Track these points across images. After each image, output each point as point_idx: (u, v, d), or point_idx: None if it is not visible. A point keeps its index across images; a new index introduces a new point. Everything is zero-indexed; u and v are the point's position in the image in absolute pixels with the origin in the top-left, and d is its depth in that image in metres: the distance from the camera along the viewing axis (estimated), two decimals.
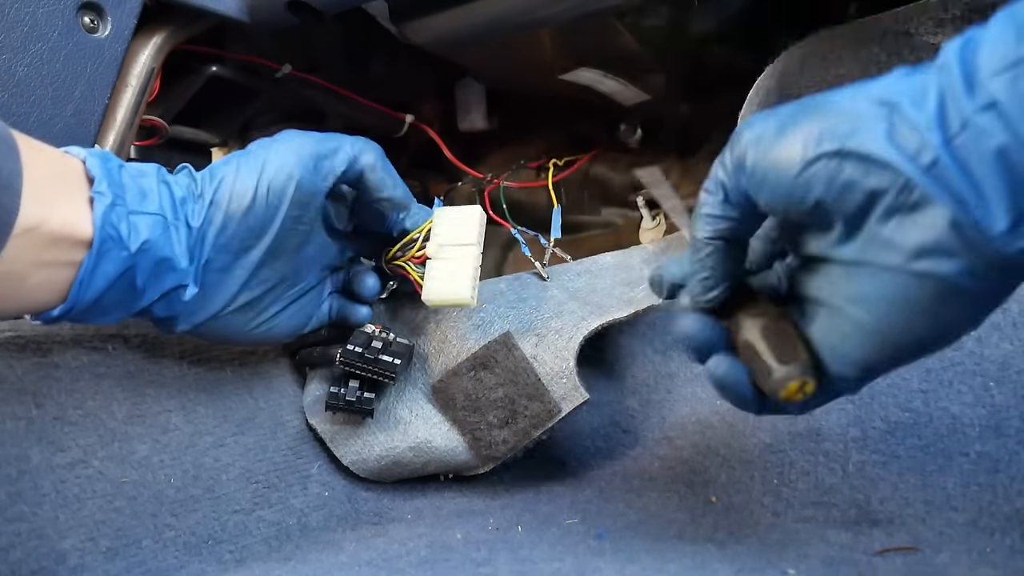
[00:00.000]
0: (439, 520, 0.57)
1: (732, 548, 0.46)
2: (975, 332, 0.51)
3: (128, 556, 0.48)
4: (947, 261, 0.27)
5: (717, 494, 0.54)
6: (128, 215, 0.43)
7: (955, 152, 0.26)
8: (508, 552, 0.47)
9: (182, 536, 0.51)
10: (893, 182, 0.27)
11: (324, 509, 0.59)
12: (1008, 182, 0.25)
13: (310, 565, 0.48)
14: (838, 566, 0.42)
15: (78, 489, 0.48)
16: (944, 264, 0.27)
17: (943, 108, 0.26)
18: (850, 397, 0.53)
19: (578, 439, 0.62)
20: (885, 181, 0.27)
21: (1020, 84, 0.24)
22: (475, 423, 0.59)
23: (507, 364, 0.58)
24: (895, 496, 0.48)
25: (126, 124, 0.59)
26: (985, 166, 0.25)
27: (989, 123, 0.25)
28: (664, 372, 0.63)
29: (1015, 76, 0.24)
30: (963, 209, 0.26)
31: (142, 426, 0.52)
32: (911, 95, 0.27)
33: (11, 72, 0.49)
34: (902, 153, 0.27)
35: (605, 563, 0.43)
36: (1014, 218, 0.25)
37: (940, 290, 0.28)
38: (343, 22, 0.72)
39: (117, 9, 0.54)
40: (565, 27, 0.62)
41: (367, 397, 0.57)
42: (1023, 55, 0.24)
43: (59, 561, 0.45)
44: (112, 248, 0.42)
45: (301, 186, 0.48)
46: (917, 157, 0.27)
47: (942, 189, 0.26)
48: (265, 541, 0.54)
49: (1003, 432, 0.47)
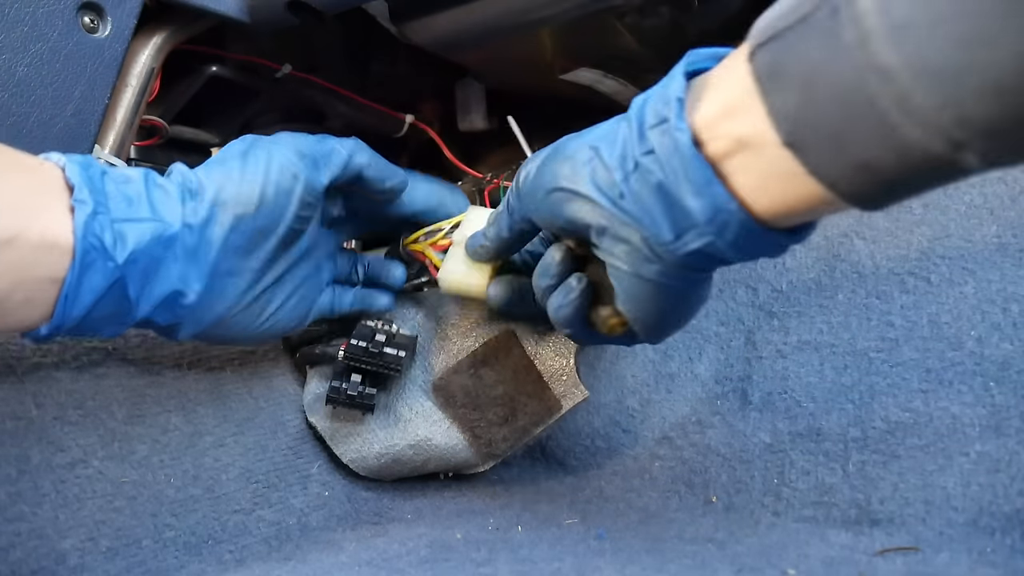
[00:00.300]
0: (439, 520, 0.57)
1: (732, 548, 0.46)
2: (975, 332, 0.51)
3: (128, 556, 0.48)
4: (648, 266, 0.37)
5: (717, 494, 0.54)
6: (112, 224, 0.40)
7: (631, 186, 0.36)
8: (508, 552, 0.47)
9: (182, 536, 0.51)
10: (599, 212, 0.37)
11: (324, 509, 0.59)
12: (666, 205, 0.35)
13: (310, 565, 0.48)
14: (838, 566, 0.42)
15: (78, 489, 0.48)
16: (646, 268, 0.37)
17: (624, 153, 0.36)
18: (850, 397, 0.53)
19: (578, 439, 0.62)
20: (595, 211, 0.38)
21: (666, 137, 0.34)
22: (475, 420, 0.59)
23: (508, 362, 0.58)
24: (895, 496, 0.48)
25: (126, 124, 0.59)
26: (651, 196, 0.35)
27: (650, 164, 0.35)
28: (664, 372, 0.63)
29: (663, 131, 0.34)
30: (644, 228, 0.36)
31: (142, 426, 0.52)
32: (609, 141, 0.37)
33: (11, 72, 0.49)
34: (599, 190, 0.37)
35: (605, 563, 0.43)
36: (676, 231, 0.35)
37: (654, 286, 0.38)
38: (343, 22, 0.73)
39: (117, 9, 0.54)
40: (565, 27, 0.62)
41: (368, 392, 0.57)
42: (666, 115, 0.34)
43: (59, 561, 0.45)
44: (97, 259, 0.40)
45: (307, 186, 0.48)
46: (609, 192, 0.37)
47: (627, 215, 0.36)
48: (265, 541, 0.54)
49: (1003, 432, 0.47)
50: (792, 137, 0.30)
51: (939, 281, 0.54)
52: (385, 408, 0.60)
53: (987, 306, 0.51)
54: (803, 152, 0.30)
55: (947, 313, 0.52)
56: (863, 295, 0.56)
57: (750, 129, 0.31)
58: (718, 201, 0.33)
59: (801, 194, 0.31)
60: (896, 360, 0.53)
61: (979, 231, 0.54)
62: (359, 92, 0.80)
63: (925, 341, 0.52)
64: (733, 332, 0.61)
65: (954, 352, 0.50)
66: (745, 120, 0.31)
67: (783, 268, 0.60)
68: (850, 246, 0.58)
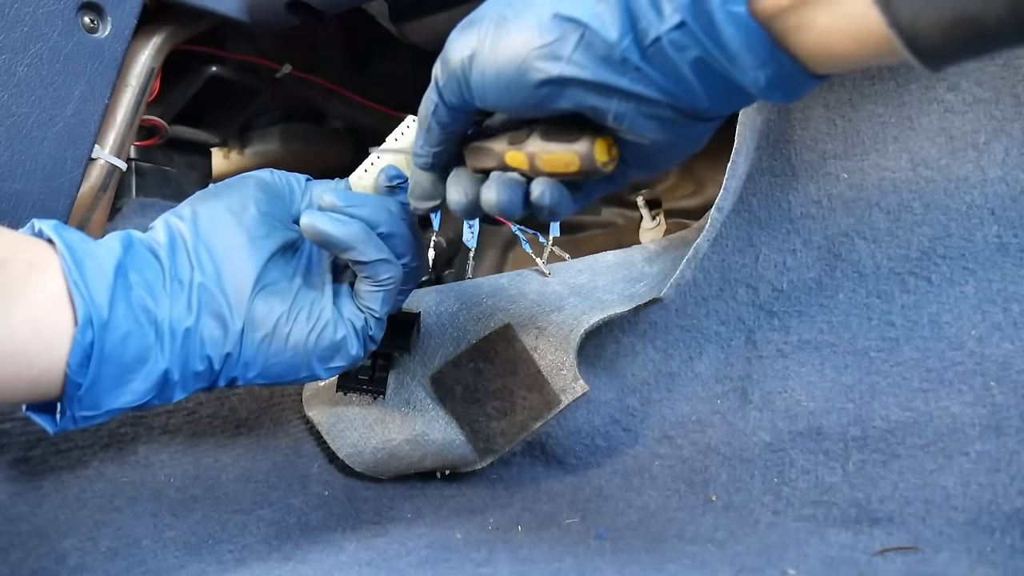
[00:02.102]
0: (439, 520, 0.57)
1: (732, 548, 0.46)
2: (976, 332, 0.51)
3: (128, 556, 0.48)
4: (678, 129, 0.34)
5: (717, 493, 0.54)
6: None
7: (652, 63, 0.32)
8: (508, 552, 0.47)
9: (182, 536, 0.51)
10: (617, 96, 0.33)
11: (324, 508, 0.59)
12: (708, 79, 0.31)
13: (310, 565, 0.48)
14: (838, 566, 0.42)
15: (78, 489, 0.48)
16: (675, 132, 0.34)
17: (629, 25, 0.31)
18: (850, 396, 0.53)
19: (578, 438, 0.62)
20: (610, 97, 0.33)
21: (705, 7, 0.30)
22: (474, 415, 0.59)
23: (507, 355, 0.58)
24: (895, 495, 0.48)
25: (126, 124, 0.60)
26: (685, 71, 0.31)
27: (682, 39, 0.31)
28: (664, 371, 0.63)
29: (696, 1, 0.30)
30: (677, 100, 0.32)
31: (142, 426, 0.52)
32: (589, 9, 0.32)
33: (11, 72, 0.49)
34: (612, 71, 0.32)
35: (605, 563, 0.43)
36: (719, 98, 0.32)
37: (680, 139, 0.35)
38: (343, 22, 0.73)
39: (117, 9, 0.54)
40: None
41: (379, 376, 0.57)
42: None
43: (59, 561, 0.45)
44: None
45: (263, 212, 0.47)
46: (623, 71, 0.32)
47: (655, 90, 0.32)
48: (265, 541, 0.54)
49: (1003, 432, 0.47)
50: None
51: (940, 281, 0.54)
52: (383, 403, 0.60)
53: (988, 306, 0.51)
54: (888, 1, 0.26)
55: (948, 313, 0.52)
56: (864, 295, 0.56)
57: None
58: (782, 69, 0.30)
59: (866, 49, 0.28)
60: (896, 359, 0.53)
61: (980, 231, 0.54)
62: (359, 92, 0.80)
63: (925, 341, 0.52)
64: (734, 331, 0.61)
65: (954, 352, 0.50)
66: None
67: (784, 268, 0.60)
68: (851, 246, 0.58)
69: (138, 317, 0.41)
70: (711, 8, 0.29)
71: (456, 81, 0.36)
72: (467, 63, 0.35)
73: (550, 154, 0.36)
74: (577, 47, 0.32)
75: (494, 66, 0.34)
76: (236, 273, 0.44)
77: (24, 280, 0.38)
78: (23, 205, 0.51)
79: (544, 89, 0.33)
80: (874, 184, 0.58)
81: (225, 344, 0.43)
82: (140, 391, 0.41)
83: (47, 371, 0.39)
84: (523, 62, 0.33)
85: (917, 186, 0.57)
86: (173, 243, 0.44)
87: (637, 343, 0.64)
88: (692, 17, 0.30)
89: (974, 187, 0.56)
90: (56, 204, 0.53)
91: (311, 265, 0.49)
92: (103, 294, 0.40)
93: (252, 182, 0.48)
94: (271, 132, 0.91)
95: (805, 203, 0.60)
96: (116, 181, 0.61)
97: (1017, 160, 0.54)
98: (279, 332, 0.45)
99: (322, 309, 0.47)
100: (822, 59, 0.30)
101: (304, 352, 0.46)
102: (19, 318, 0.38)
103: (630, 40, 0.31)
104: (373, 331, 0.48)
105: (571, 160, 0.35)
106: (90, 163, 0.57)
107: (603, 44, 0.32)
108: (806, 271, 0.59)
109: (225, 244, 0.45)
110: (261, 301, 0.45)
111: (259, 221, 0.46)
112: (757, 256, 0.61)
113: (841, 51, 0.29)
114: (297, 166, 0.95)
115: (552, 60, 0.32)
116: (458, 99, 0.37)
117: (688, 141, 0.35)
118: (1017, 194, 0.54)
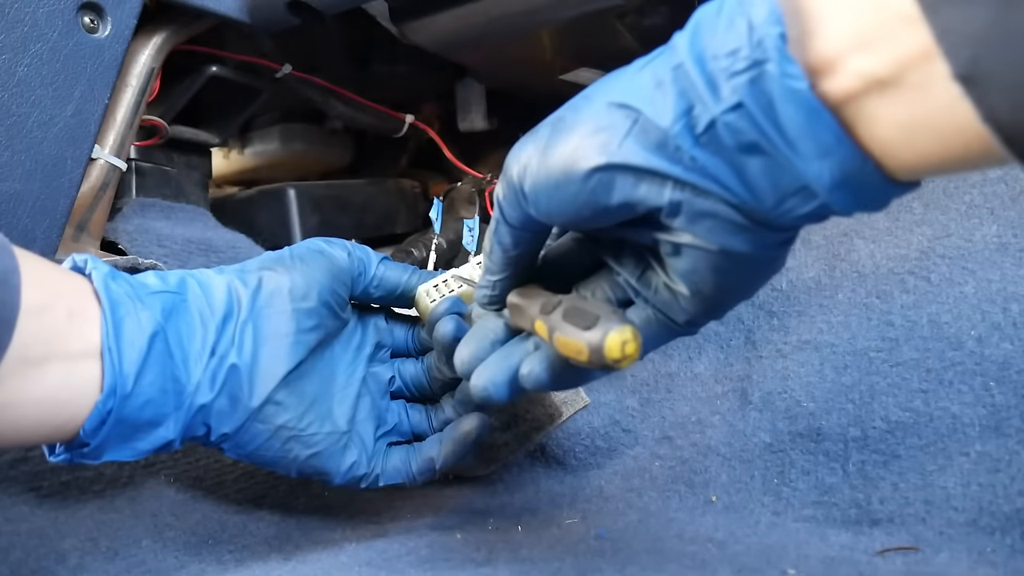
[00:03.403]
0: (439, 520, 0.57)
1: (732, 548, 0.46)
2: (975, 332, 0.51)
3: (128, 556, 0.48)
4: (738, 237, 0.29)
5: (717, 494, 0.54)
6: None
7: (704, 150, 0.28)
8: (508, 552, 0.47)
9: (182, 536, 0.51)
10: (670, 185, 0.29)
11: (324, 509, 0.59)
12: (767, 168, 0.27)
13: (310, 565, 0.48)
14: (838, 566, 0.42)
15: (78, 489, 0.48)
16: (736, 241, 0.30)
17: (684, 108, 0.28)
18: (850, 397, 0.53)
19: (578, 439, 0.62)
20: (663, 186, 0.29)
21: (765, 87, 0.26)
22: None
23: None
24: (895, 496, 0.48)
25: (126, 124, 0.60)
26: (740, 158, 0.27)
27: (738, 122, 0.27)
28: (664, 371, 0.63)
29: (757, 78, 0.26)
30: (733, 195, 0.28)
31: None
32: (645, 96, 0.29)
33: (11, 72, 0.49)
34: (663, 158, 0.29)
35: (605, 563, 0.43)
36: (779, 196, 0.28)
37: (741, 259, 0.30)
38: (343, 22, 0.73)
39: (117, 9, 0.54)
40: (565, 27, 0.62)
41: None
42: (759, 57, 0.26)
43: (59, 561, 0.45)
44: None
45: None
46: (676, 158, 0.29)
47: (709, 181, 0.28)
48: (265, 541, 0.54)
49: (1003, 432, 0.47)
50: (971, 68, 0.22)
51: (939, 281, 0.54)
52: None
53: (987, 306, 0.51)
54: (982, 89, 0.22)
55: (947, 313, 0.52)
56: (863, 294, 0.56)
57: (897, 62, 0.24)
58: (850, 164, 0.26)
59: (953, 149, 0.24)
60: (896, 360, 0.53)
61: (979, 231, 0.54)
62: (359, 92, 0.80)
63: (925, 341, 0.52)
64: (733, 331, 0.61)
65: (954, 352, 0.50)
66: (889, 50, 0.24)
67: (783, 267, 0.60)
68: (850, 245, 0.58)
69: (164, 386, 0.41)
70: (771, 86, 0.26)
71: (514, 192, 0.33)
72: (523, 170, 0.32)
73: (564, 337, 0.32)
74: (629, 134, 0.29)
75: (547, 165, 0.31)
76: (269, 363, 0.44)
77: (64, 330, 0.38)
78: (23, 205, 0.51)
79: (593, 180, 0.30)
80: None
81: (229, 422, 0.44)
82: (142, 450, 0.42)
83: (68, 422, 0.39)
84: (572, 153, 0.30)
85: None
86: (227, 316, 0.44)
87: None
88: (751, 97, 0.26)
89: (973, 187, 0.56)
90: (56, 204, 0.53)
91: (347, 360, 0.50)
92: (134, 364, 0.40)
93: (324, 264, 0.47)
94: (271, 132, 0.91)
95: None
96: (116, 181, 0.61)
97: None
98: (280, 435, 0.45)
99: (331, 429, 0.47)
100: (899, 158, 0.26)
101: (293, 462, 0.47)
102: (53, 369, 0.38)
103: (682, 126, 0.28)
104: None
105: (580, 349, 0.31)
106: (90, 163, 0.57)
107: (656, 131, 0.29)
108: (805, 271, 0.60)
109: (271, 330, 0.45)
110: (279, 397, 0.45)
111: (313, 312, 0.46)
112: None
113: (921, 150, 0.25)
114: (297, 166, 0.95)
115: (602, 148, 0.29)
116: (518, 213, 0.34)
117: (754, 256, 0.30)
118: (1016, 194, 0.54)
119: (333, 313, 0.48)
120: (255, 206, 0.83)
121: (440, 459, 0.49)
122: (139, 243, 0.62)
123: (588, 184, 0.30)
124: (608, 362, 0.30)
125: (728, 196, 0.28)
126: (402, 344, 0.54)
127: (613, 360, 0.30)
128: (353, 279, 0.49)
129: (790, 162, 0.27)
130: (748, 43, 0.26)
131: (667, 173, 0.29)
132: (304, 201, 0.82)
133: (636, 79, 0.30)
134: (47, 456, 0.42)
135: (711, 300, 0.33)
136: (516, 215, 0.34)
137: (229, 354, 0.43)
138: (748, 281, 0.33)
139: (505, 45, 0.66)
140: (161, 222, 0.66)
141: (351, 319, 0.51)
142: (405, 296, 0.51)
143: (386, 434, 0.51)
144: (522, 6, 0.60)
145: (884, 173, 0.26)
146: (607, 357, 0.30)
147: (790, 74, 0.25)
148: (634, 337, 0.30)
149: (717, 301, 0.33)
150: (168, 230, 0.65)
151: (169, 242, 0.64)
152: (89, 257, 0.42)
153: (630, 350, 0.30)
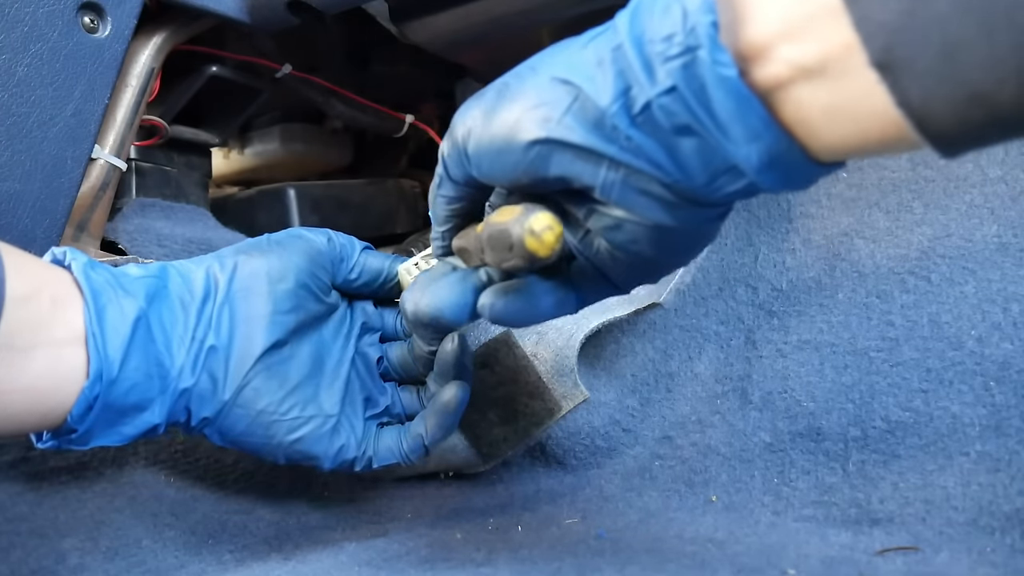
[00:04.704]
0: (439, 520, 0.57)
1: (732, 548, 0.46)
2: (975, 332, 0.51)
3: (128, 556, 0.48)
4: (671, 213, 0.31)
5: (717, 493, 0.54)
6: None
7: (641, 130, 0.29)
8: (508, 552, 0.47)
9: (182, 536, 0.51)
10: (605, 164, 0.30)
11: (324, 508, 0.59)
12: (698, 149, 0.29)
13: (310, 565, 0.48)
14: (838, 566, 0.42)
15: (78, 489, 0.48)
16: (667, 216, 0.31)
17: (622, 89, 0.29)
18: (850, 396, 0.53)
19: (578, 438, 0.62)
20: (599, 164, 0.30)
21: (697, 73, 0.27)
22: (475, 421, 0.59)
23: (508, 362, 0.58)
24: (895, 496, 0.48)
25: (126, 124, 0.60)
26: (674, 139, 0.29)
27: (672, 105, 0.28)
28: (664, 371, 0.63)
29: (689, 63, 0.27)
30: (666, 174, 0.30)
31: None
32: (586, 74, 0.30)
33: (11, 72, 0.49)
34: (600, 137, 0.30)
35: (605, 563, 0.43)
36: (711, 175, 0.29)
37: (672, 232, 0.32)
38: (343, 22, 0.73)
39: (117, 9, 0.54)
40: (565, 27, 0.62)
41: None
42: (692, 43, 0.27)
43: (59, 561, 0.45)
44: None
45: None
46: (612, 137, 0.30)
47: (643, 160, 0.30)
48: (265, 541, 0.54)
49: (1003, 432, 0.47)
50: (886, 55, 0.23)
51: (939, 280, 0.54)
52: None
53: (987, 305, 0.51)
54: (896, 75, 0.24)
55: (947, 313, 0.52)
56: (863, 294, 0.56)
57: (821, 50, 0.25)
58: (776, 146, 0.27)
59: (871, 133, 0.26)
60: (896, 360, 0.52)
61: (980, 231, 0.54)
62: (359, 92, 0.80)
63: (925, 340, 0.52)
64: (733, 331, 0.61)
65: (954, 352, 0.50)
66: (815, 39, 0.25)
67: (783, 267, 0.60)
68: (850, 245, 0.58)
69: (149, 370, 0.41)
70: (702, 72, 0.27)
71: (458, 152, 0.35)
72: (467, 132, 0.34)
73: (492, 231, 0.33)
74: (569, 110, 0.30)
75: (489, 131, 0.33)
76: (245, 343, 0.45)
77: (48, 318, 0.39)
78: (23, 205, 0.51)
79: (532, 152, 0.31)
80: (874, 184, 0.58)
81: (209, 406, 0.44)
82: (129, 435, 0.42)
83: (56, 408, 0.39)
84: (514, 123, 0.31)
85: (917, 186, 0.57)
86: (205, 299, 0.44)
87: (636, 343, 0.64)
88: (684, 81, 0.28)
89: (974, 187, 0.56)
90: (56, 204, 0.53)
91: (337, 346, 0.50)
92: (118, 349, 0.40)
93: (302, 247, 0.48)
94: (271, 132, 0.91)
95: (804, 202, 0.60)
96: (116, 181, 0.61)
97: (1017, 160, 0.54)
98: (262, 420, 0.45)
99: (315, 413, 0.47)
100: (822, 142, 0.27)
101: (278, 447, 0.46)
102: (40, 356, 0.38)
103: (620, 106, 0.29)
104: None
105: (506, 234, 0.32)
106: (90, 163, 0.57)
107: (595, 109, 0.30)
108: (805, 270, 0.60)
109: (248, 311, 0.45)
110: (257, 381, 0.45)
111: (291, 293, 0.46)
112: (756, 255, 0.61)
113: (843, 134, 0.26)
114: (297, 166, 0.95)
115: (542, 122, 0.31)
116: (460, 172, 0.36)
117: (688, 229, 0.32)
118: (1017, 194, 0.54)
119: (313, 296, 0.48)
120: (255, 206, 0.83)
121: (428, 434, 0.49)
122: (139, 243, 0.62)
123: (528, 155, 0.31)
124: (533, 240, 0.31)
125: (661, 175, 0.30)
126: (391, 328, 0.54)
127: (539, 230, 0.31)
128: (335, 265, 0.49)
129: (720, 144, 0.28)
130: (682, 29, 0.27)
131: (603, 152, 0.30)
132: (304, 201, 0.82)
133: (580, 55, 0.31)
134: (35, 443, 0.42)
135: (646, 267, 0.35)
136: (459, 173, 0.36)
137: (208, 336, 0.44)
138: (682, 252, 0.34)
139: (505, 45, 0.66)
140: (161, 222, 0.66)
141: (341, 306, 0.51)
142: (389, 282, 0.51)
143: (378, 416, 0.51)
144: (522, 6, 0.60)
145: (809, 155, 0.28)
146: (532, 227, 0.31)
147: (720, 61, 0.27)
148: (554, 219, 0.31)
149: (652, 268, 0.35)
150: (168, 230, 0.65)
151: (169, 242, 0.64)
152: (68, 249, 0.42)
153: (548, 221, 0.31)
